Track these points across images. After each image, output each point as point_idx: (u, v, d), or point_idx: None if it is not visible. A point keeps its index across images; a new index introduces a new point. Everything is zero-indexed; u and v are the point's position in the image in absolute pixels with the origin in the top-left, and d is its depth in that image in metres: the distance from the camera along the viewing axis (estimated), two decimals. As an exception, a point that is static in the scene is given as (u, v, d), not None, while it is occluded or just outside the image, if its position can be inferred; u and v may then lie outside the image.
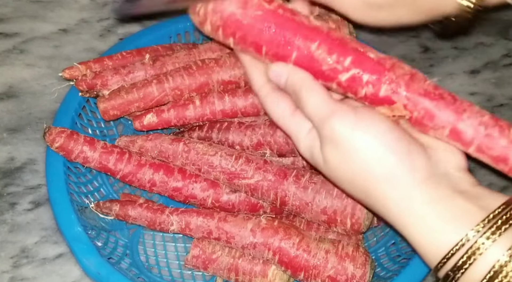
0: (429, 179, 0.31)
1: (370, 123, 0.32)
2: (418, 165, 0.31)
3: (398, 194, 0.31)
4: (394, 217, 0.32)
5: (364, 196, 0.33)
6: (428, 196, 0.30)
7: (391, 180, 0.31)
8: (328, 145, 0.33)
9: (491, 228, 0.28)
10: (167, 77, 0.48)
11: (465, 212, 0.29)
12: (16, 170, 0.51)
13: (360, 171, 0.32)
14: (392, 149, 0.31)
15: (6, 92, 0.57)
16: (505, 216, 0.28)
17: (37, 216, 0.49)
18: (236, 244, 0.44)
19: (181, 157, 0.47)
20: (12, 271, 0.45)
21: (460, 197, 0.30)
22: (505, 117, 0.53)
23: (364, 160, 0.31)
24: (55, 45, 0.61)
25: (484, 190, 0.31)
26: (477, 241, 0.28)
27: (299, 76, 0.34)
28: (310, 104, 0.34)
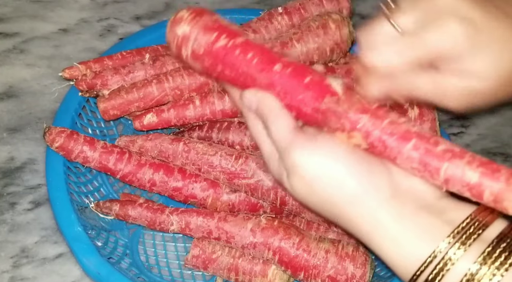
0: (393, 198, 0.31)
1: (329, 149, 0.32)
2: (380, 185, 0.32)
3: (364, 216, 0.32)
4: (366, 237, 0.32)
5: (336, 219, 0.34)
6: (394, 213, 0.31)
7: (356, 202, 0.32)
8: (292, 175, 0.33)
9: (459, 241, 0.29)
10: (167, 77, 0.48)
11: (431, 227, 0.30)
12: (16, 170, 0.51)
13: (325, 197, 0.32)
14: (353, 172, 0.32)
15: (6, 92, 0.57)
16: (470, 229, 0.29)
17: (37, 216, 0.49)
18: (236, 244, 0.44)
19: (181, 157, 0.47)
20: (12, 271, 0.45)
21: (425, 212, 0.31)
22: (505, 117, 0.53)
23: (326, 187, 0.32)
24: (55, 45, 0.61)
25: (450, 202, 0.32)
26: (447, 254, 0.29)
27: (267, 103, 0.35)
28: (273, 132, 0.34)
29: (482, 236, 0.29)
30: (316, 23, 0.49)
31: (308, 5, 0.53)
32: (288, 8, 0.53)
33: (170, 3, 0.67)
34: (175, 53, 0.36)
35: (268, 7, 0.63)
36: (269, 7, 0.54)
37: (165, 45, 0.53)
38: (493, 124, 0.61)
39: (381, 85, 0.33)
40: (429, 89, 0.34)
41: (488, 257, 0.28)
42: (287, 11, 0.52)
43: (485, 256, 0.28)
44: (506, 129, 0.60)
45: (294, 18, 0.52)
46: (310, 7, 0.53)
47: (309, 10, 0.52)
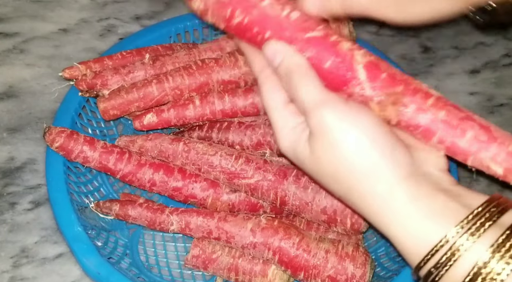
0: (411, 177, 0.31)
1: (359, 116, 0.32)
2: (401, 162, 0.31)
3: (379, 190, 0.31)
4: (375, 215, 0.32)
5: (346, 192, 0.33)
6: (409, 193, 0.30)
7: (374, 174, 0.31)
8: (316, 136, 0.32)
9: (474, 226, 0.28)
10: (167, 77, 0.48)
11: (447, 209, 0.29)
12: (16, 170, 0.51)
13: (344, 164, 0.32)
14: (377, 144, 0.31)
15: (6, 92, 0.57)
16: (487, 214, 0.28)
17: (37, 216, 0.49)
18: (236, 244, 0.44)
19: (181, 157, 0.47)
20: (12, 271, 0.45)
21: (442, 194, 0.30)
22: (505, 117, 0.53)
23: (348, 152, 0.31)
24: (55, 45, 0.61)
25: (465, 189, 0.31)
26: (460, 239, 0.28)
27: (295, 60, 0.34)
28: (302, 90, 0.33)
29: (497, 223, 0.28)
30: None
31: None
32: None
33: (170, 3, 0.67)
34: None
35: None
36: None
37: (165, 45, 0.54)
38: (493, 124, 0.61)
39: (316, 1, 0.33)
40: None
41: (502, 245, 0.27)
42: None
43: (499, 243, 0.27)
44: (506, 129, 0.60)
45: None
46: None
47: None
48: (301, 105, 0.33)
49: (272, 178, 0.44)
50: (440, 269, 0.28)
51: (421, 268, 0.30)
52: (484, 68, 0.65)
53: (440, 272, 0.28)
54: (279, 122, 0.35)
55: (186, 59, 0.50)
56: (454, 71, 0.65)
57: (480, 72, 0.65)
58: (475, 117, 0.33)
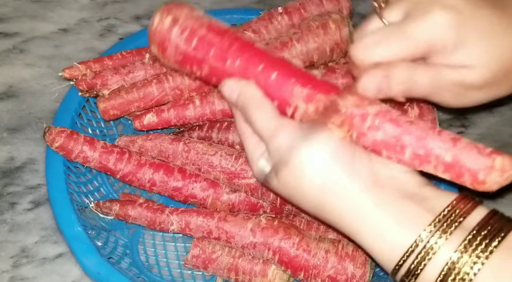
0: (375, 184, 0.31)
1: (313, 136, 0.32)
2: (363, 173, 0.32)
3: (346, 203, 0.32)
4: (347, 227, 0.32)
5: (317, 209, 0.33)
6: (375, 201, 0.31)
7: (338, 189, 0.32)
8: (277, 162, 0.33)
9: (440, 229, 0.29)
10: (167, 76, 0.48)
11: (413, 215, 0.30)
12: (16, 169, 0.51)
13: (309, 184, 0.32)
14: (336, 159, 0.32)
15: (6, 91, 0.57)
16: (451, 218, 0.29)
17: (37, 216, 0.49)
18: (236, 244, 0.44)
19: (181, 157, 0.47)
20: (12, 270, 0.45)
21: (406, 200, 0.31)
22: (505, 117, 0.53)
23: (310, 172, 0.32)
24: (55, 44, 0.61)
25: (432, 190, 0.32)
26: (428, 242, 0.29)
27: (249, 92, 0.35)
28: (257, 122, 0.34)
29: (463, 224, 0.29)
30: (316, 23, 0.49)
31: (308, 5, 0.53)
32: (288, 8, 0.53)
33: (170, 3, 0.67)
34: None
35: (268, 7, 0.63)
36: (269, 7, 0.54)
37: None
38: (493, 124, 0.61)
39: (377, 81, 0.33)
40: (425, 84, 0.34)
41: (469, 245, 0.28)
42: (287, 11, 0.52)
43: (466, 244, 0.28)
44: (506, 129, 0.60)
45: (294, 18, 0.52)
46: (310, 7, 0.52)
47: (309, 10, 0.52)
48: (260, 136, 0.34)
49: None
50: (413, 272, 0.29)
51: (397, 273, 0.30)
52: (484, 68, 0.65)
53: (414, 275, 0.29)
54: (249, 149, 0.36)
55: None
56: (454, 71, 0.65)
57: (480, 72, 0.65)
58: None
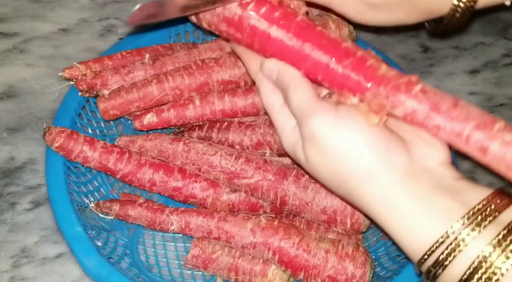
0: (409, 176, 0.31)
1: (350, 122, 0.32)
2: (398, 163, 0.31)
3: (378, 192, 0.31)
4: (376, 215, 0.32)
5: (346, 195, 0.33)
6: (408, 193, 0.30)
7: (371, 178, 0.31)
8: (309, 144, 0.33)
9: (474, 222, 0.28)
10: (167, 76, 0.48)
11: (446, 208, 0.30)
12: (16, 169, 0.51)
13: (340, 170, 0.32)
14: (371, 147, 0.31)
15: (6, 91, 0.57)
16: (486, 212, 0.29)
17: (37, 216, 0.49)
18: (236, 244, 0.44)
19: (181, 157, 0.47)
20: (12, 270, 0.45)
21: (440, 193, 0.30)
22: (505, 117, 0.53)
23: (343, 159, 0.32)
24: (55, 44, 0.61)
25: (467, 184, 0.31)
26: (462, 233, 0.28)
27: (288, 73, 0.35)
28: (294, 101, 0.34)
29: (498, 218, 0.29)
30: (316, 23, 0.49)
31: None
32: None
33: (170, 3, 0.67)
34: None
35: (268, 7, 0.63)
36: (269, 7, 0.54)
37: (165, 45, 0.54)
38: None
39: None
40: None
41: (503, 240, 0.27)
42: None
43: (499, 238, 0.28)
44: (506, 129, 0.60)
45: None
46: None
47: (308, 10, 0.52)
48: (295, 116, 0.35)
49: (272, 178, 0.44)
50: (441, 263, 0.29)
51: (423, 263, 0.30)
52: (484, 68, 0.65)
53: (442, 266, 0.29)
54: (279, 122, 0.36)
55: (186, 59, 0.50)
56: (454, 71, 0.65)
57: (480, 72, 0.65)
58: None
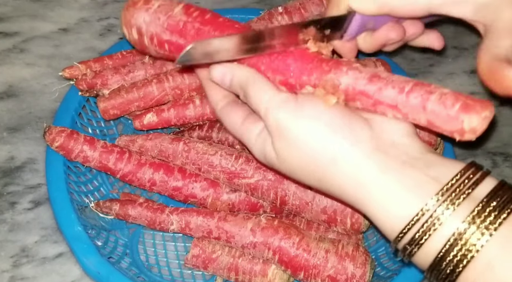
0: (376, 150, 0.31)
1: (309, 108, 0.32)
2: (363, 138, 0.31)
3: (349, 171, 0.31)
4: (350, 197, 0.32)
5: (320, 183, 0.33)
6: (379, 166, 0.30)
7: (339, 158, 0.31)
8: (277, 138, 0.33)
9: (448, 199, 0.28)
10: (167, 76, 0.48)
11: (419, 183, 0.29)
12: (16, 169, 0.51)
13: (310, 157, 0.32)
14: (335, 127, 0.31)
15: (6, 91, 0.57)
16: (459, 187, 0.28)
17: (37, 215, 0.49)
18: (236, 244, 0.44)
19: (181, 157, 0.47)
20: (12, 270, 0.45)
21: (411, 167, 0.30)
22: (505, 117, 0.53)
23: (310, 145, 0.32)
24: (55, 44, 0.61)
25: (437, 157, 0.31)
26: (435, 212, 0.28)
27: (243, 72, 0.35)
28: (253, 97, 0.34)
29: (472, 195, 0.28)
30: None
31: (308, 4, 0.53)
32: (288, 8, 0.53)
33: (170, 2, 0.67)
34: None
35: (268, 6, 0.63)
36: (269, 7, 0.54)
37: None
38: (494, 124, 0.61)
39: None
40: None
41: (477, 216, 0.27)
42: (287, 11, 0.52)
43: (474, 215, 0.28)
44: (506, 129, 0.60)
45: (294, 18, 0.52)
46: (310, 6, 0.53)
47: (309, 10, 0.53)
48: (258, 112, 0.35)
49: (272, 178, 0.44)
50: (417, 241, 0.29)
51: (399, 240, 0.30)
52: (484, 68, 0.65)
53: (417, 245, 0.29)
54: (244, 135, 0.37)
55: None
56: (454, 71, 0.65)
57: (480, 72, 0.65)
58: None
